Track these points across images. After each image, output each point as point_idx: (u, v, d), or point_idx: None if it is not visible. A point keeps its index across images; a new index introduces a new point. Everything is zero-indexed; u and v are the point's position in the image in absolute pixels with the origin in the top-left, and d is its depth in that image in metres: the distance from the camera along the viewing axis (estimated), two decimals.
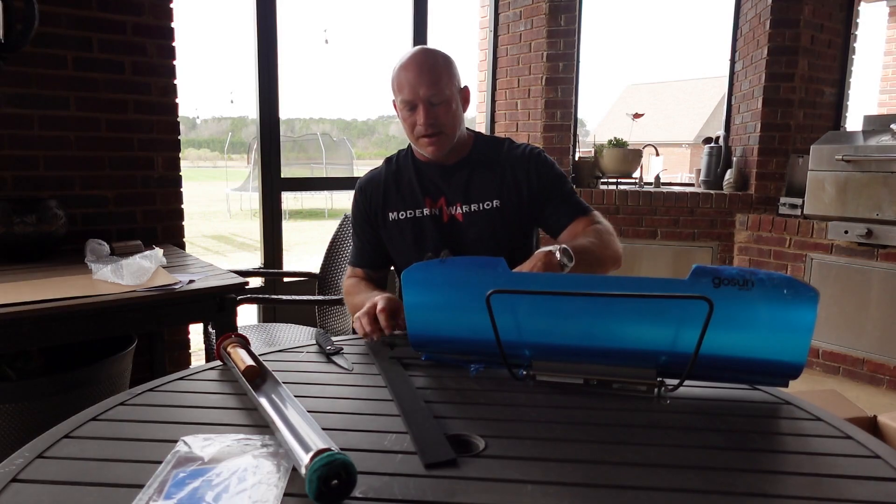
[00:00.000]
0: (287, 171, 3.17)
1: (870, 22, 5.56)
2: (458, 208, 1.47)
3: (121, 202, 2.35)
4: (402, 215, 1.49)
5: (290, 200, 11.84)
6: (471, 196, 1.47)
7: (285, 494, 0.69)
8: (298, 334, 2.31)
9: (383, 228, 1.52)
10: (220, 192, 13.08)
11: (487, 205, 1.46)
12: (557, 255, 1.20)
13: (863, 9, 3.89)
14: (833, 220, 3.10)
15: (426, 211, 1.48)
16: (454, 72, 1.43)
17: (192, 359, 2.62)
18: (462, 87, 1.46)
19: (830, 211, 3.11)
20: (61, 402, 1.75)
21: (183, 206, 2.51)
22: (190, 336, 2.58)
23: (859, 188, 2.99)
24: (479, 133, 1.57)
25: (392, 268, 1.63)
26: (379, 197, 1.52)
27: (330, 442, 0.72)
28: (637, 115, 4.34)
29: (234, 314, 1.79)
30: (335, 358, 1.15)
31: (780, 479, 0.75)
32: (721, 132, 3.88)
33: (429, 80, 1.36)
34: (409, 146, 1.56)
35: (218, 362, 1.11)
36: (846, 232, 3.02)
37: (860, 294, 3.06)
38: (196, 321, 2.03)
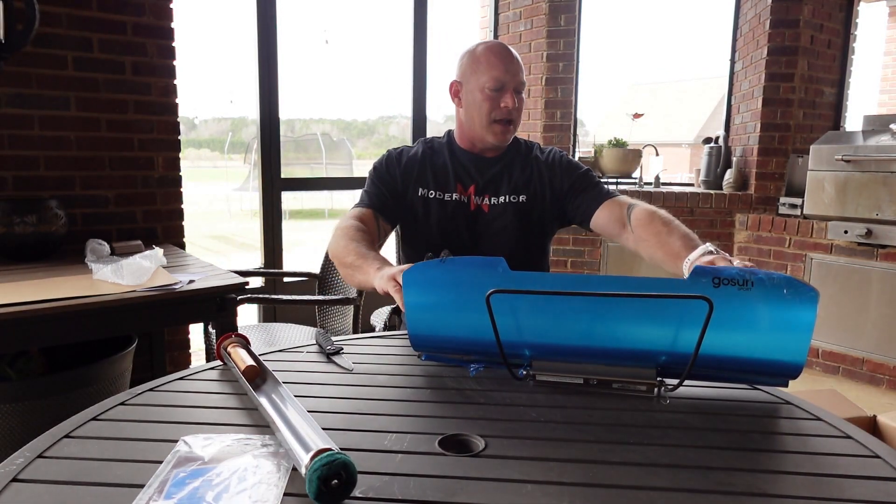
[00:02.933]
0: (287, 171, 3.17)
1: (870, 22, 5.57)
2: (486, 199, 1.51)
3: (121, 202, 2.35)
4: (432, 194, 1.52)
5: (290, 200, 11.82)
6: (500, 189, 1.51)
7: (285, 494, 0.69)
8: (298, 334, 2.31)
9: (404, 199, 1.54)
10: (221, 192, 13.06)
11: (514, 198, 1.51)
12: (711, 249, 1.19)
13: (863, 9, 3.88)
14: (833, 219, 3.10)
15: (455, 196, 1.51)
16: None
17: (192, 359, 2.62)
18: None
19: (830, 211, 3.11)
20: (61, 402, 1.75)
21: (183, 206, 2.51)
22: (190, 336, 2.58)
23: (859, 188, 2.99)
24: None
25: (394, 255, 1.65)
26: (413, 169, 1.55)
27: (330, 442, 0.72)
28: (637, 115, 4.33)
29: (235, 314, 1.79)
30: (335, 358, 1.15)
31: (780, 479, 0.75)
32: (721, 132, 3.88)
33: (520, 69, 1.45)
34: (449, 134, 1.58)
35: (218, 362, 1.11)
36: (846, 232, 3.02)
37: (860, 294, 3.05)
38: (196, 321, 2.03)
